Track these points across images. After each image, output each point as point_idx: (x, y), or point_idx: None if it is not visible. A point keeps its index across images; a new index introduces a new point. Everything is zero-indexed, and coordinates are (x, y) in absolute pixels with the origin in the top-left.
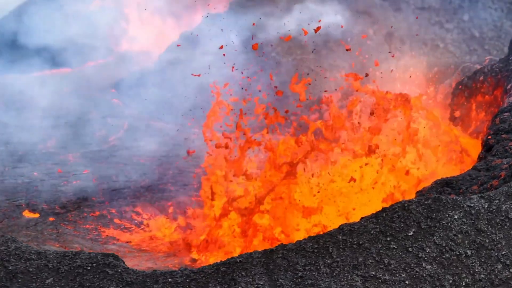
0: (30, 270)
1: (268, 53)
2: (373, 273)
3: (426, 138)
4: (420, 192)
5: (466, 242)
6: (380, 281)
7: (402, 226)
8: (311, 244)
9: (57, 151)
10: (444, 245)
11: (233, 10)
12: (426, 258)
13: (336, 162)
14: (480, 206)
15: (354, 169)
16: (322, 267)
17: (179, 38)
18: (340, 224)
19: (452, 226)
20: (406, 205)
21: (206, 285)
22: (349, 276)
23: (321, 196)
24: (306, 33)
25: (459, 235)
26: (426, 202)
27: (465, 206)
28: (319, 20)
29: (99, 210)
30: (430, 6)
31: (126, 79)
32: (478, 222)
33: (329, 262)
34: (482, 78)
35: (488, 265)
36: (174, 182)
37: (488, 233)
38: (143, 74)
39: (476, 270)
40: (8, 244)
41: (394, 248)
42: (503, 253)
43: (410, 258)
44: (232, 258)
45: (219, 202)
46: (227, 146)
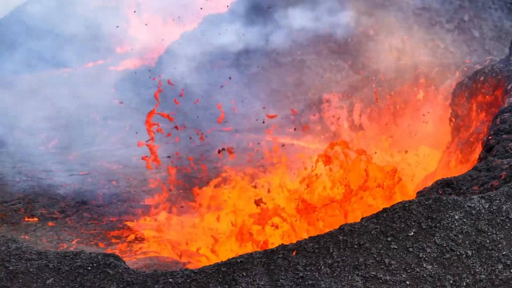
0: (31, 270)
1: (268, 53)
2: (373, 273)
3: None
4: (420, 192)
5: (467, 242)
6: (380, 281)
7: (403, 226)
8: (312, 244)
9: (57, 152)
10: (444, 245)
11: (233, 10)
12: (426, 258)
13: None
14: (480, 206)
15: None
16: (322, 267)
17: (180, 38)
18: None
19: (452, 226)
20: (406, 205)
21: (206, 285)
22: (349, 276)
23: None
24: None
25: (460, 236)
26: (426, 203)
27: (465, 206)
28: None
29: (99, 214)
30: (431, 6)
31: (126, 79)
32: (478, 222)
33: (329, 262)
34: (482, 78)
35: (488, 265)
36: (176, 185)
37: (488, 233)
38: (143, 74)
39: (476, 271)
40: (8, 244)
41: (394, 248)
42: (504, 253)
43: (411, 258)
44: (232, 258)
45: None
46: None
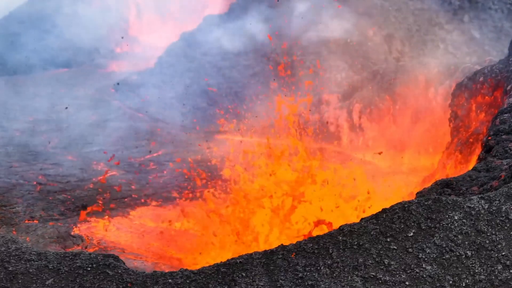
0: (30, 271)
1: (268, 53)
2: (373, 273)
3: None
4: (420, 193)
5: (466, 243)
6: (380, 281)
7: (402, 227)
8: (311, 245)
9: (56, 153)
10: (444, 245)
11: (233, 10)
12: (426, 259)
13: None
14: (480, 207)
15: None
16: (322, 268)
17: (179, 38)
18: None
19: (452, 227)
20: (406, 206)
21: (206, 285)
22: (349, 276)
23: None
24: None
25: (459, 236)
26: (426, 203)
27: (465, 207)
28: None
29: (101, 214)
30: (430, 7)
31: (126, 80)
32: (478, 223)
33: (329, 263)
34: (482, 79)
35: (488, 265)
36: (178, 188)
37: (488, 234)
38: (143, 75)
39: (476, 271)
40: (8, 245)
41: (394, 248)
42: (503, 253)
43: (410, 258)
44: (232, 259)
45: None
46: None
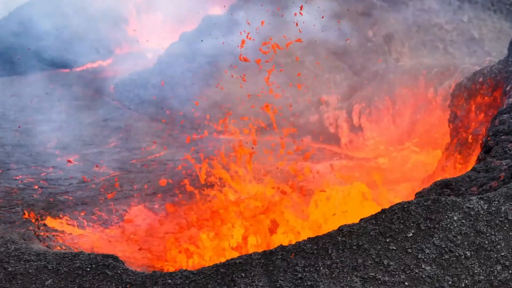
0: (30, 271)
1: (269, 54)
2: (372, 274)
3: None
4: (419, 193)
5: (466, 243)
6: (379, 282)
7: (402, 227)
8: (311, 245)
9: (56, 154)
10: (443, 246)
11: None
12: (425, 259)
13: None
14: (479, 207)
15: None
16: (321, 268)
17: (179, 39)
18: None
19: (451, 227)
20: (405, 206)
21: (205, 286)
22: (348, 277)
23: None
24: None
25: (459, 236)
26: (425, 204)
27: (464, 207)
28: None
29: (99, 214)
30: (430, 7)
31: (126, 80)
32: (477, 223)
33: (328, 263)
34: (481, 79)
35: (487, 266)
36: (179, 188)
37: (487, 234)
38: (143, 75)
39: (475, 271)
40: (7, 245)
41: (393, 249)
42: (502, 254)
43: (410, 259)
44: (231, 259)
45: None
46: None
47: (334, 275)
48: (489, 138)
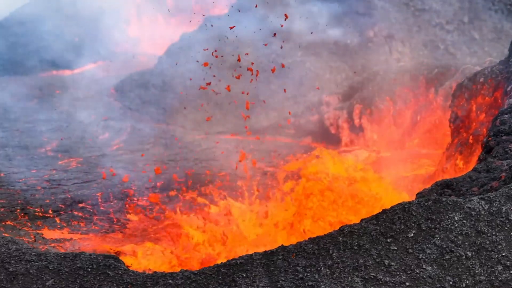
0: (31, 271)
1: (268, 55)
2: (373, 274)
3: None
4: (420, 193)
5: (467, 243)
6: (380, 282)
7: (403, 227)
8: (312, 245)
9: (57, 155)
10: (444, 246)
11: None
12: (426, 260)
13: None
14: (480, 207)
15: None
16: (322, 269)
17: (179, 39)
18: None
19: (452, 227)
20: (406, 206)
21: (206, 286)
22: (349, 277)
23: None
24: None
25: (460, 237)
26: (426, 204)
27: (465, 207)
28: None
29: (99, 215)
30: (431, 7)
31: (126, 80)
32: (478, 223)
33: (329, 263)
34: (482, 79)
35: (488, 266)
36: (178, 188)
37: (488, 234)
38: (144, 75)
39: (476, 272)
40: (8, 245)
41: (394, 249)
42: (504, 254)
43: (411, 259)
44: (232, 259)
45: None
46: None
47: (335, 275)
48: (490, 139)
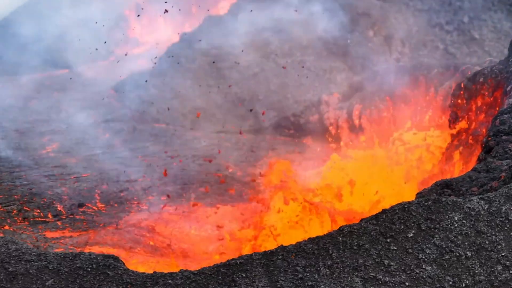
0: (30, 271)
1: (268, 54)
2: (373, 274)
3: None
4: (420, 193)
5: (466, 243)
6: (380, 282)
7: (402, 227)
8: (311, 245)
9: (57, 155)
10: (444, 246)
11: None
12: (426, 260)
13: None
14: (480, 207)
15: None
16: (322, 269)
17: (180, 39)
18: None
19: (452, 227)
20: (406, 206)
21: (206, 286)
22: (349, 277)
23: None
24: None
25: (459, 237)
26: (426, 204)
27: (465, 207)
28: None
29: (99, 216)
30: (430, 7)
31: (126, 81)
32: (478, 223)
33: (329, 263)
34: (482, 79)
35: (488, 266)
36: (177, 188)
37: (488, 234)
38: (144, 75)
39: (476, 272)
40: (8, 245)
41: (394, 249)
42: (503, 254)
43: (410, 259)
44: (232, 259)
45: None
46: None
47: (334, 275)
48: (489, 138)
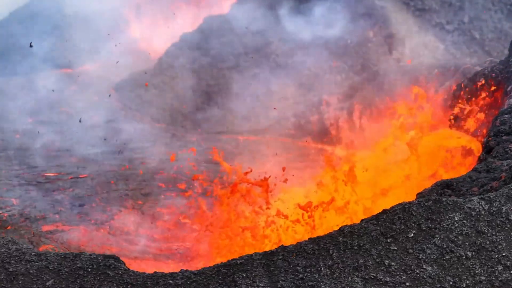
0: (31, 272)
1: (268, 55)
2: (373, 274)
3: None
4: (420, 194)
5: (467, 243)
6: (380, 282)
7: (403, 227)
8: (312, 245)
9: (58, 155)
10: (444, 246)
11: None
12: (426, 260)
13: None
14: (480, 207)
15: None
16: (322, 269)
17: (179, 39)
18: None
19: (452, 227)
20: (406, 206)
21: (206, 286)
22: (349, 277)
23: None
24: None
25: (460, 237)
26: (426, 204)
27: (465, 207)
28: None
29: (98, 216)
30: (431, 7)
31: (126, 81)
32: (478, 223)
33: (329, 263)
34: (482, 80)
35: (488, 266)
36: (176, 188)
37: (488, 234)
38: (144, 75)
39: (476, 272)
40: (8, 246)
41: (394, 249)
42: (504, 254)
43: (411, 259)
44: (232, 259)
45: None
46: None
47: (335, 276)
48: (490, 139)
